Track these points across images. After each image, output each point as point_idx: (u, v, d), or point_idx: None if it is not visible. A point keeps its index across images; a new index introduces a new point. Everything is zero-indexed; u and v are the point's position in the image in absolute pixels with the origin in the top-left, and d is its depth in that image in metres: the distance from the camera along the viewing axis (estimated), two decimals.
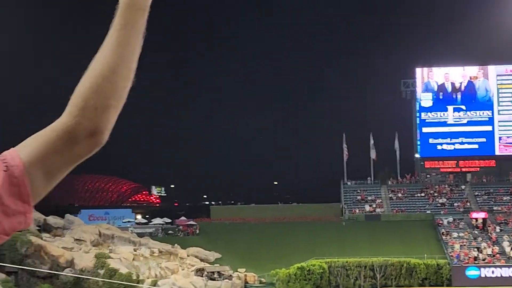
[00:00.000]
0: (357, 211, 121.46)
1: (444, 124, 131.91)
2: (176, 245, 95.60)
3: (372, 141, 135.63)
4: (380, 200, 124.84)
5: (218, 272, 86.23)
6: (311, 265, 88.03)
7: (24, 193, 2.11)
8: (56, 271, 72.91)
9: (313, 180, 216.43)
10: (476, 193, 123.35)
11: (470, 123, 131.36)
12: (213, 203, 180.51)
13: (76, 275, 73.50)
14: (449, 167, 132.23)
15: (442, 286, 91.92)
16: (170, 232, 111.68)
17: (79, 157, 2.22)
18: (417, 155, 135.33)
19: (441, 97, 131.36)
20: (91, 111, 2.15)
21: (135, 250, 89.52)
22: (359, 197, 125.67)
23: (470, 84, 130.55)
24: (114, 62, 2.21)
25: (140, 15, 2.31)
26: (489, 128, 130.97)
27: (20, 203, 2.11)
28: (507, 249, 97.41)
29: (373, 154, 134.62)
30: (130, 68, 2.27)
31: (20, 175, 2.11)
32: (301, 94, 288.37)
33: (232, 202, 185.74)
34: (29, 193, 2.12)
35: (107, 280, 71.97)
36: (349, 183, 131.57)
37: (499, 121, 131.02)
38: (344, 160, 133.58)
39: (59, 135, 2.15)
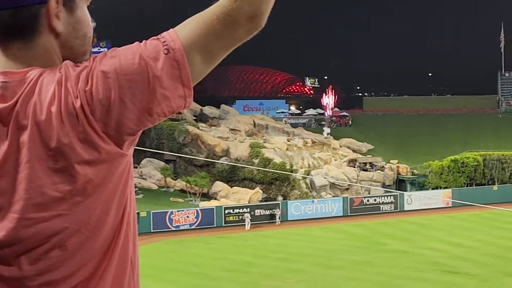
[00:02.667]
0: None
1: None
2: (329, 135, 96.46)
3: None
4: None
5: (371, 163, 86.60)
6: (465, 157, 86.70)
7: (185, 77, 2.15)
8: (212, 159, 75.33)
9: (468, 71, 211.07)
10: None
11: None
12: (366, 94, 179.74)
13: (232, 164, 75.73)
14: None
15: None
16: (323, 123, 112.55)
17: (238, 41, 2.26)
18: None
19: None
20: None
21: (288, 140, 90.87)
22: None
23: None
24: None
25: None
26: None
27: (180, 87, 2.15)
28: None
29: None
30: None
31: (181, 59, 2.14)
32: None
33: (385, 93, 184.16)
34: (189, 76, 2.17)
35: (262, 168, 73.74)
36: (507, 74, 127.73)
37: None
38: (502, 51, 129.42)
39: (220, 18, 2.16)
